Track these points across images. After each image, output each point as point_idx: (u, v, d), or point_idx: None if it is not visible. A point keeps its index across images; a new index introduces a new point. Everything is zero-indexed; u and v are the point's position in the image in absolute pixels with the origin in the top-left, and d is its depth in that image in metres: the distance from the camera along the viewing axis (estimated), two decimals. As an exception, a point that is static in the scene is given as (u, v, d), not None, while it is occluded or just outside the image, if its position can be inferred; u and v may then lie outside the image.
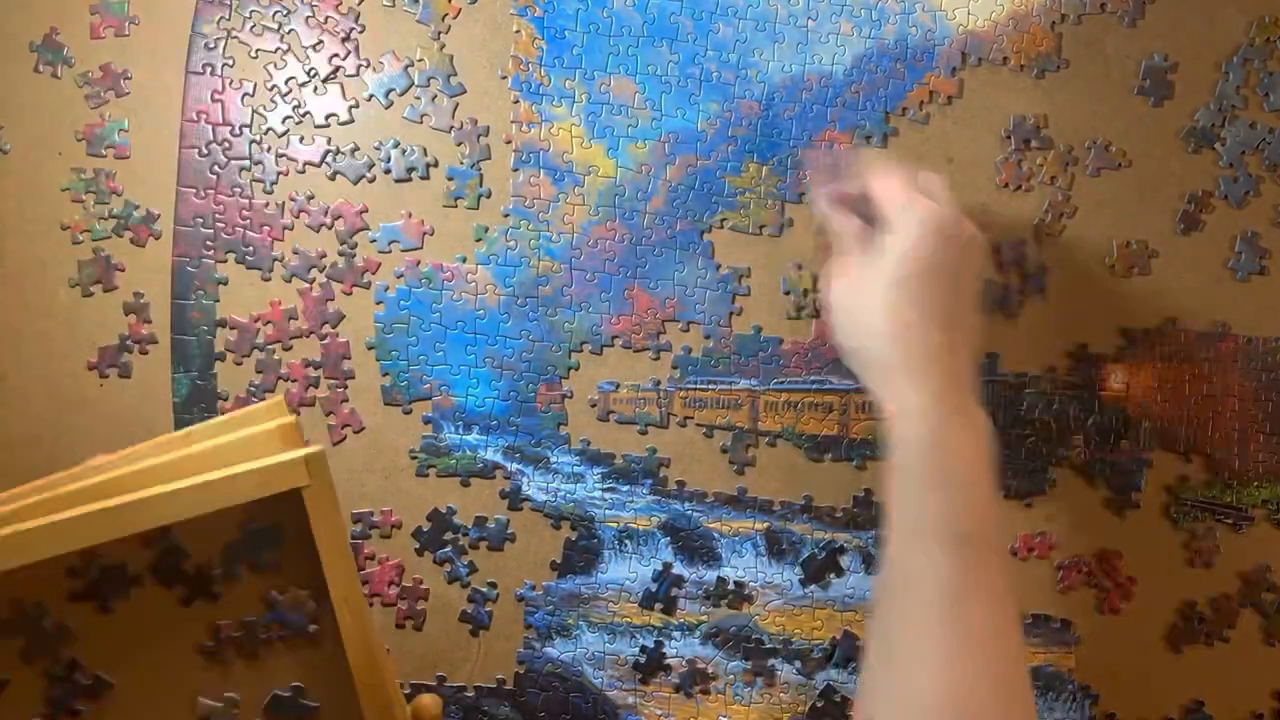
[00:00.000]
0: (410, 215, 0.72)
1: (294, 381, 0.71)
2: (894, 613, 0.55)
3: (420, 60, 0.72)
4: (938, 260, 0.57)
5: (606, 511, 0.72)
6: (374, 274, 0.72)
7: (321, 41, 0.72)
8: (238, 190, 0.71)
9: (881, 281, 0.58)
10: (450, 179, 0.72)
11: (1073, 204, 0.70)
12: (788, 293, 0.71)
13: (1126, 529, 0.71)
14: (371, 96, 0.72)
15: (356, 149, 0.72)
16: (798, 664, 0.71)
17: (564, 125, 0.72)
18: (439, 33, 0.72)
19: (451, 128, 0.72)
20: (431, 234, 0.72)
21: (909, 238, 0.57)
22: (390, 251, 0.72)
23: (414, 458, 0.72)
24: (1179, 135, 0.71)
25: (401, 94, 0.72)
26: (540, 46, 0.71)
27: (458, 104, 0.72)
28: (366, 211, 0.72)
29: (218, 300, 0.72)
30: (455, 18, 0.72)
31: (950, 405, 0.55)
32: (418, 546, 0.71)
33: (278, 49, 0.72)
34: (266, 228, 0.72)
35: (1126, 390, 0.71)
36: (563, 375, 0.72)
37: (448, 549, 0.71)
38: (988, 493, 0.54)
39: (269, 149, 0.72)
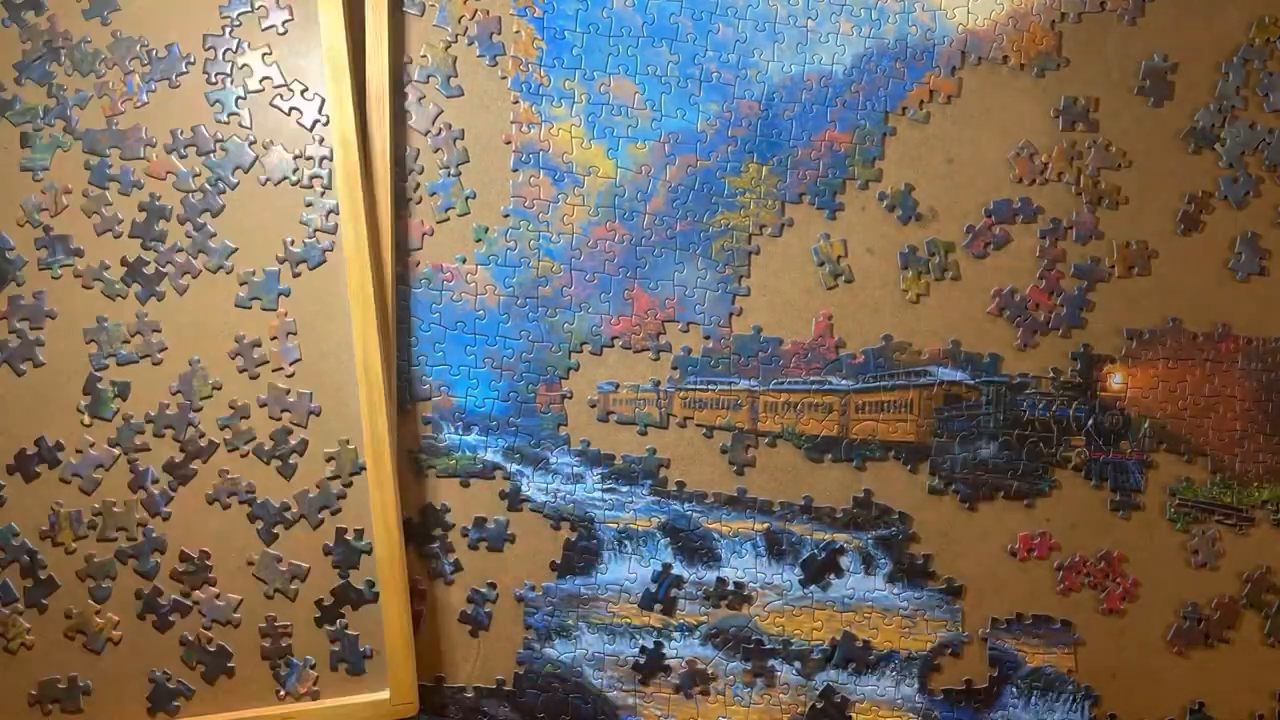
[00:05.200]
0: (410, 216, 0.72)
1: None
2: None
3: (424, 57, 0.72)
4: None
5: (606, 512, 0.72)
6: (374, 274, 0.72)
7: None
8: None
9: None
10: (434, 194, 0.71)
11: (1123, 194, 0.71)
12: (822, 264, 0.71)
13: (1128, 530, 0.71)
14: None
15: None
16: (797, 665, 0.71)
17: (564, 126, 0.72)
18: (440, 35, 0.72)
19: (429, 133, 0.72)
20: (431, 234, 0.72)
21: None
22: (390, 252, 0.72)
23: (414, 458, 0.72)
24: (1179, 135, 0.71)
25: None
26: (540, 47, 0.71)
27: (440, 110, 0.72)
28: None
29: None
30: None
31: None
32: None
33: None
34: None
35: (1126, 390, 0.71)
36: (562, 376, 0.72)
37: (435, 545, 0.71)
38: None
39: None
